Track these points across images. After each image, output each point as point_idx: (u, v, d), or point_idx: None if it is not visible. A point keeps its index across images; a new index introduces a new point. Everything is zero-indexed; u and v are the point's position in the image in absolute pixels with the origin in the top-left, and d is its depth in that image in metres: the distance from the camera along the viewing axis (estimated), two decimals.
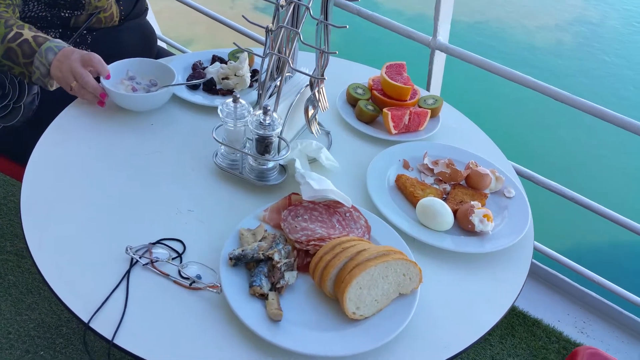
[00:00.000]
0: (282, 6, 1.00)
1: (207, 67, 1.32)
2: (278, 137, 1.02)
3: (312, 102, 1.10)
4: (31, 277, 1.75)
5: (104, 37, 1.47)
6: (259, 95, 1.09)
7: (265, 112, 0.98)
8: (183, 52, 2.26)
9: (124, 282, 0.85)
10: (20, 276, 1.75)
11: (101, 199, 0.99)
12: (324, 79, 1.01)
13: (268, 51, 1.00)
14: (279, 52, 1.03)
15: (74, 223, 0.94)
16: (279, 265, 0.85)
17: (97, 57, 1.15)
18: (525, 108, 3.70)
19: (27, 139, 1.36)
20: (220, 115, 1.02)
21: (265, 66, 1.03)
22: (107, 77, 1.16)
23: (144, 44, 1.59)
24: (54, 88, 1.18)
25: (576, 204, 1.58)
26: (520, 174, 1.59)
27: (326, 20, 1.00)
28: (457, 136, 1.25)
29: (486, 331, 0.85)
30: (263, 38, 2.14)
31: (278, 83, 1.10)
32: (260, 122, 0.99)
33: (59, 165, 1.05)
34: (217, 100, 1.24)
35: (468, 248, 0.96)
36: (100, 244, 0.91)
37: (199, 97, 1.24)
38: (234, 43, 1.05)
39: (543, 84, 1.49)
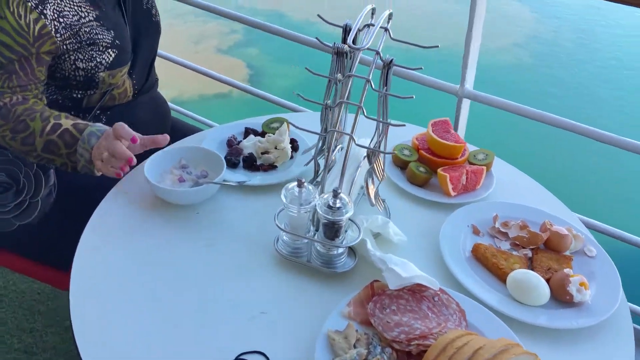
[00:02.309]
0: (339, 81, 0.94)
1: (241, 141, 1.23)
2: (351, 220, 0.94)
3: (371, 175, 1.03)
4: None
5: (119, 115, 1.38)
6: (316, 173, 1.02)
7: (335, 195, 0.90)
8: (194, 118, 2.17)
9: None
10: None
11: (158, 309, 0.88)
12: (394, 153, 0.94)
13: (330, 128, 0.93)
14: (334, 127, 0.96)
15: (133, 342, 0.83)
16: None
17: (118, 123, 1.01)
18: (563, 150, 3.55)
19: (43, 235, 1.24)
20: (284, 201, 0.93)
21: (332, 146, 0.96)
22: (133, 141, 1.00)
23: (159, 117, 1.51)
24: (100, 174, 1.06)
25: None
26: (586, 225, 1.51)
27: (386, 90, 0.94)
28: (513, 191, 1.19)
29: None
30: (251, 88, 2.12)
31: (333, 158, 1.02)
32: (329, 205, 0.91)
33: (103, 273, 0.94)
34: (257, 178, 1.15)
35: (567, 322, 0.89)
36: None
37: (241, 176, 1.15)
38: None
39: (572, 122, 1.47)
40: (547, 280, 0.94)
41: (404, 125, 0.91)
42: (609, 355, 0.87)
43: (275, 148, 1.18)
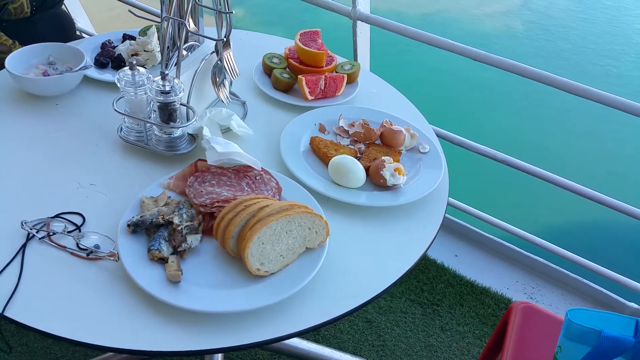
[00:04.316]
0: None
1: (117, 46, 1.27)
2: (184, 105, 0.99)
3: (219, 68, 1.07)
4: None
5: (15, 30, 1.41)
6: (162, 64, 1.06)
7: (164, 78, 0.95)
8: None
9: (19, 257, 0.81)
10: None
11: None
12: (223, 40, 0.98)
13: (165, 15, 0.97)
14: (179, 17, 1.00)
15: None
16: (179, 228, 0.82)
17: None
18: (456, 75, 3.74)
19: None
20: (119, 85, 0.98)
21: (167, 33, 1.00)
22: None
23: (60, 36, 1.54)
24: None
25: (507, 166, 1.60)
26: (440, 136, 1.61)
27: None
28: (375, 100, 1.25)
29: (394, 280, 0.84)
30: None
31: (185, 53, 1.07)
32: (160, 88, 0.96)
33: None
34: None
35: (381, 202, 0.95)
36: None
37: (108, 76, 1.19)
38: (129, 11, 1.01)
39: (463, 46, 1.51)
40: (369, 168, 1.00)
41: (233, 12, 0.96)
42: (413, 231, 0.93)
43: (145, 50, 1.22)
